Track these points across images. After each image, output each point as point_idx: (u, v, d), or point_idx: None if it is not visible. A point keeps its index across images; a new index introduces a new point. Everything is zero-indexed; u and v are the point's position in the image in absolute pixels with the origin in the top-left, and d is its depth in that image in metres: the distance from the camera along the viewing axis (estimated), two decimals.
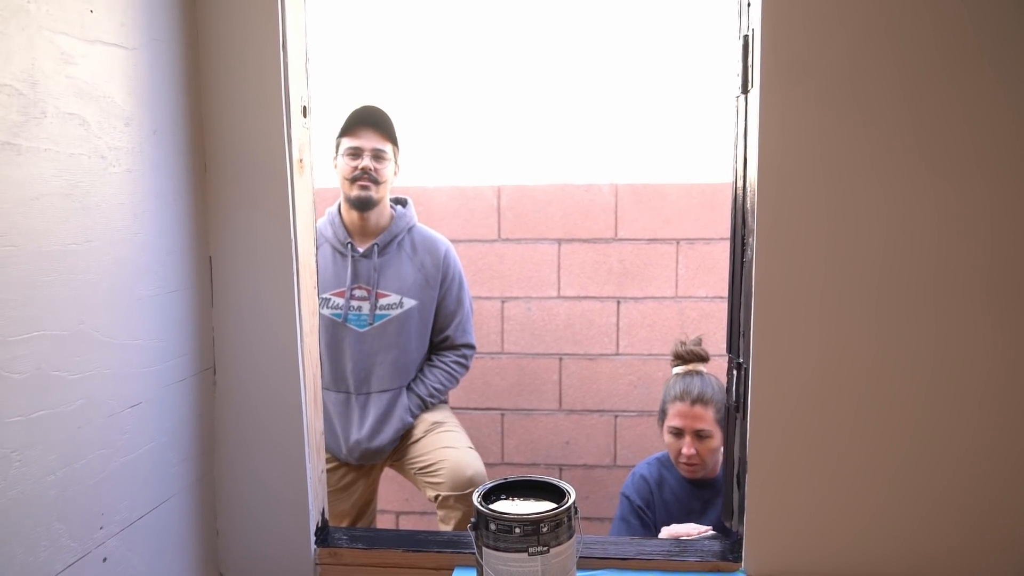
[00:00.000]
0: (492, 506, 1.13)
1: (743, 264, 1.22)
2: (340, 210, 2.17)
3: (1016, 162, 1.09)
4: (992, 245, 1.11)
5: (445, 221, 2.59)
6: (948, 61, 1.08)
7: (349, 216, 2.14)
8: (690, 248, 2.60)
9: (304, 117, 1.28)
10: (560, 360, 2.68)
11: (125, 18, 1.05)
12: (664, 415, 1.91)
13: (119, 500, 1.06)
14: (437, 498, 2.04)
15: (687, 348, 1.96)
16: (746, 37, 1.18)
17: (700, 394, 1.84)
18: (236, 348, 1.28)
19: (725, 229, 1.91)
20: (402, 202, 2.24)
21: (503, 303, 2.67)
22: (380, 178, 2.09)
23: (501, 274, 2.66)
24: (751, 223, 1.17)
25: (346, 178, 2.09)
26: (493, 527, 1.09)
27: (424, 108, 2.65)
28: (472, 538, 1.14)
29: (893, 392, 1.15)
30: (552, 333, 2.67)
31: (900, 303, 1.13)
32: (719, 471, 1.89)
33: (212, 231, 1.26)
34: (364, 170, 2.06)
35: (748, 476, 1.20)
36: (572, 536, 1.12)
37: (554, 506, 1.11)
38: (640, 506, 1.90)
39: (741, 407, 1.24)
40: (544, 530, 1.07)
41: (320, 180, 1.41)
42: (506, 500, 1.17)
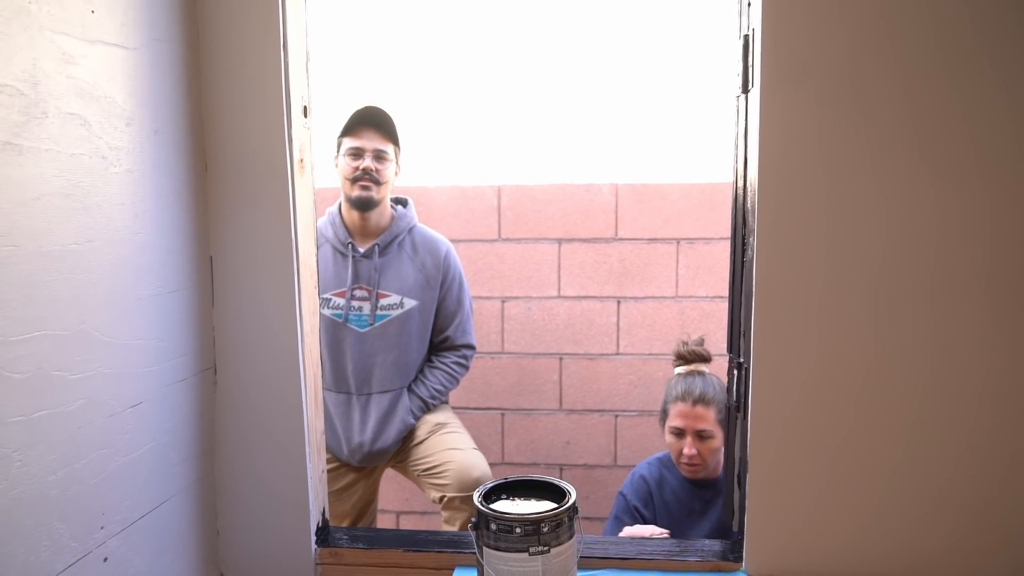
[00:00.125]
0: (493, 506, 1.13)
1: (743, 264, 1.22)
2: (341, 210, 2.16)
3: (1016, 162, 1.09)
4: (991, 246, 1.11)
5: (445, 221, 2.59)
6: (948, 61, 1.08)
7: (350, 216, 2.14)
8: (690, 248, 2.60)
9: (305, 117, 1.28)
10: (560, 360, 2.68)
11: (126, 18, 1.05)
12: (666, 415, 1.91)
13: (120, 500, 1.06)
14: (442, 499, 2.04)
15: (689, 348, 1.96)
16: (746, 37, 1.18)
17: (702, 394, 1.84)
18: (237, 348, 1.28)
19: (725, 229, 1.92)
20: (402, 202, 2.23)
21: (503, 303, 2.67)
22: (381, 179, 2.08)
23: (501, 274, 2.66)
24: (751, 223, 1.17)
25: (347, 178, 2.08)
26: (494, 527, 1.09)
27: (424, 108, 2.65)
28: (473, 538, 1.14)
29: (892, 392, 1.15)
30: (552, 333, 2.67)
31: (900, 303, 1.13)
32: (720, 471, 1.89)
33: (213, 231, 1.26)
34: (365, 170, 2.06)
35: (748, 476, 1.20)
36: (573, 536, 1.12)
37: (555, 506, 1.11)
38: (636, 506, 1.90)
39: (741, 407, 1.24)
40: (545, 530, 1.08)
41: (320, 180, 1.41)
42: (507, 500, 1.17)
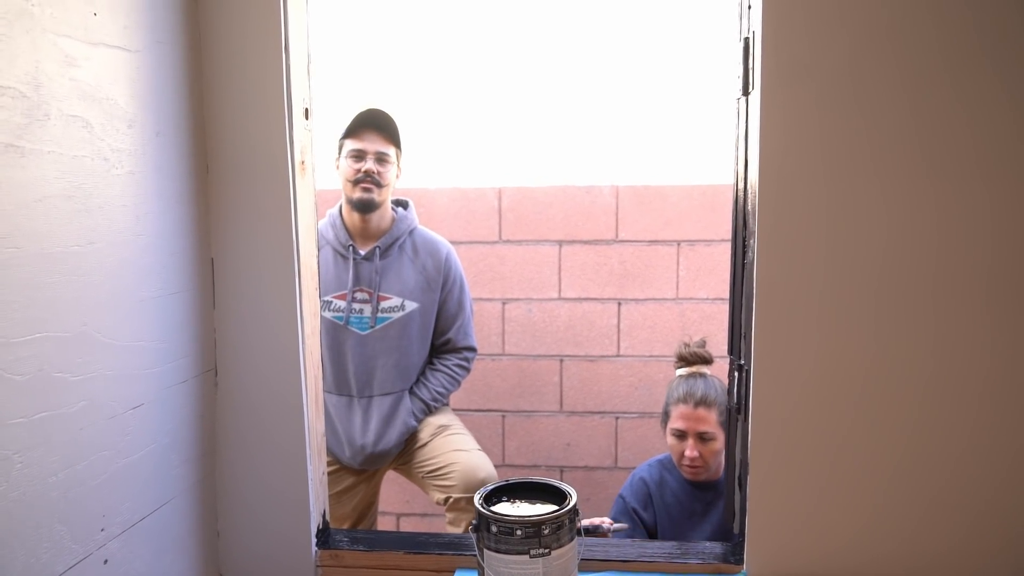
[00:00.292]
0: (493, 508, 1.13)
1: (744, 266, 1.22)
2: (341, 212, 2.16)
3: (1017, 163, 1.09)
4: (992, 247, 1.11)
5: (446, 222, 2.60)
6: (949, 63, 1.08)
7: (351, 218, 2.14)
8: (691, 250, 2.60)
9: (306, 119, 1.28)
10: (561, 362, 2.68)
11: (128, 21, 1.05)
12: (667, 417, 1.91)
13: (120, 502, 1.06)
14: (447, 500, 2.04)
15: (691, 350, 1.96)
16: (747, 40, 1.18)
17: (703, 396, 1.84)
18: (238, 350, 1.28)
19: (726, 231, 1.92)
20: (403, 204, 2.23)
21: (504, 305, 2.67)
22: (383, 181, 2.08)
23: (502, 275, 2.66)
24: (752, 225, 1.18)
25: (348, 180, 2.09)
26: (494, 529, 1.09)
27: (425, 110, 2.66)
28: (473, 540, 1.14)
29: (893, 393, 1.15)
30: (553, 335, 2.67)
31: (900, 305, 1.13)
32: (721, 473, 1.89)
33: (214, 233, 1.26)
34: (367, 173, 2.06)
35: (749, 478, 1.20)
36: (573, 538, 1.12)
37: (555, 508, 1.11)
38: (635, 508, 1.90)
39: (742, 409, 1.24)
40: (546, 532, 1.07)
41: (320, 181, 1.41)
42: (507, 502, 1.17)
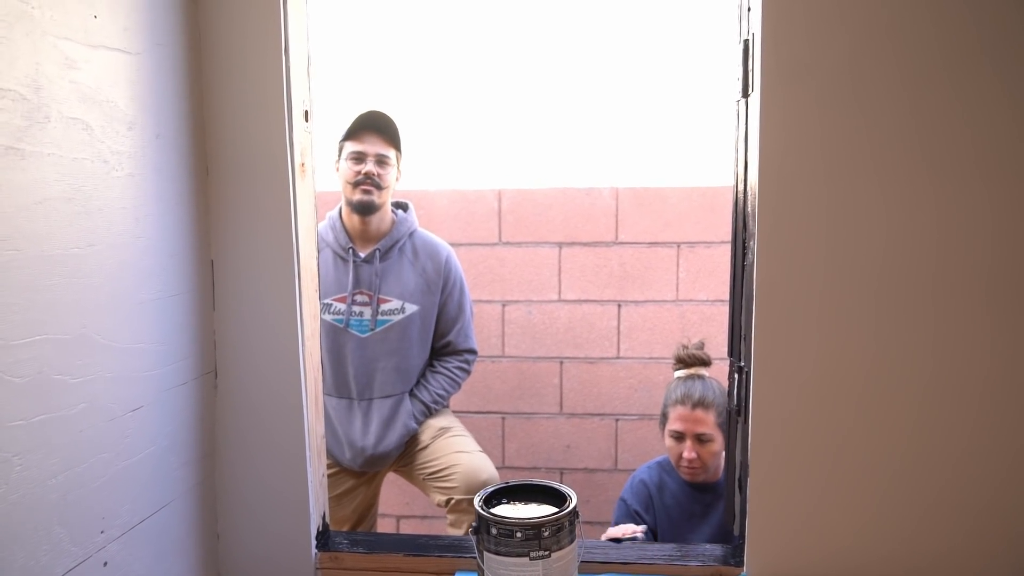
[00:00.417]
0: (493, 510, 1.13)
1: (744, 267, 1.22)
2: (341, 214, 2.16)
3: (1017, 163, 1.09)
4: (992, 247, 1.11)
5: (446, 224, 2.60)
6: (949, 63, 1.08)
7: (350, 220, 2.14)
8: (691, 251, 2.60)
9: (306, 121, 1.28)
10: (561, 364, 2.68)
11: (128, 23, 1.05)
12: (665, 419, 1.91)
13: (120, 504, 1.06)
14: (448, 502, 2.04)
15: (689, 352, 1.96)
16: (746, 42, 1.18)
17: (701, 398, 1.84)
18: (237, 352, 1.28)
19: (726, 232, 1.92)
20: (403, 206, 2.23)
21: (504, 306, 2.67)
22: (383, 183, 2.08)
23: (502, 277, 2.66)
24: (752, 226, 1.18)
25: (349, 182, 2.08)
26: (494, 531, 1.09)
27: (425, 111, 2.66)
28: (473, 542, 1.14)
29: (893, 394, 1.15)
30: (553, 336, 2.67)
31: (900, 306, 1.13)
32: (720, 475, 1.89)
33: (214, 235, 1.26)
34: (367, 175, 2.05)
35: (749, 480, 1.20)
36: (573, 540, 1.12)
37: (555, 510, 1.11)
38: (637, 510, 1.90)
39: (742, 410, 1.24)
40: (545, 534, 1.07)
41: (320, 184, 1.41)
42: (507, 504, 1.17)
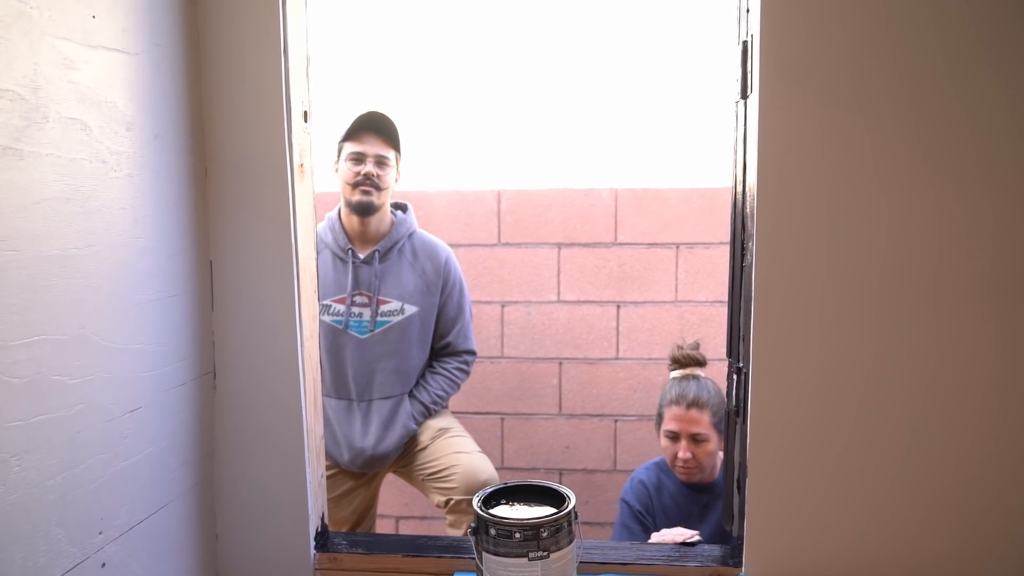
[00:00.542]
0: (492, 511, 1.13)
1: (743, 268, 1.22)
2: (340, 215, 2.16)
3: (1017, 164, 1.09)
4: (993, 248, 1.11)
5: (445, 225, 2.60)
6: (949, 63, 1.08)
7: (349, 221, 2.14)
8: (690, 252, 2.60)
9: (305, 122, 1.28)
10: (560, 364, 2.68)
11: (127, 23, 1.05)
12: (661, 419, 1.91)
13: (118, 505, 1.06)
14: (448, 503, 2.04)
15: (684, 352, 1.97)
16: (745, 43, 1.18)
17: (696, 398, 1.85)
18: (236, 352, 1.28)
19: (725, 233, 1.92)
20: (402, 207, 2.23)
21: (503, 307, 2.67)
22: (382, 184, 2.08)
23: (501, 278, 2.66)
24: (751, 227, 1.18)
25: (348, 183, 2.08)
26: (493, 532, 1.09)
27: (425, 112, 2.66)
28: (472, 543, 1.14)
29: (893, 395, 1.15)
30: (552, 337, 2.67)
31: (900, 306, 1.13)
32: (717, 475, 1.89)
33: (213, 235, 1.26)
34: (367, 176, 2.05)
35: (748, 480, 1.20)
36: (572, 541, 1.12)
37: (554, 511, 1.11)
38: (640, 511, 1.90)
39: (741, 411, 1.24)
40: (544, 535, 1.07)
41: (319, 184, 1.41)
42: (506, 505, 1.17)
